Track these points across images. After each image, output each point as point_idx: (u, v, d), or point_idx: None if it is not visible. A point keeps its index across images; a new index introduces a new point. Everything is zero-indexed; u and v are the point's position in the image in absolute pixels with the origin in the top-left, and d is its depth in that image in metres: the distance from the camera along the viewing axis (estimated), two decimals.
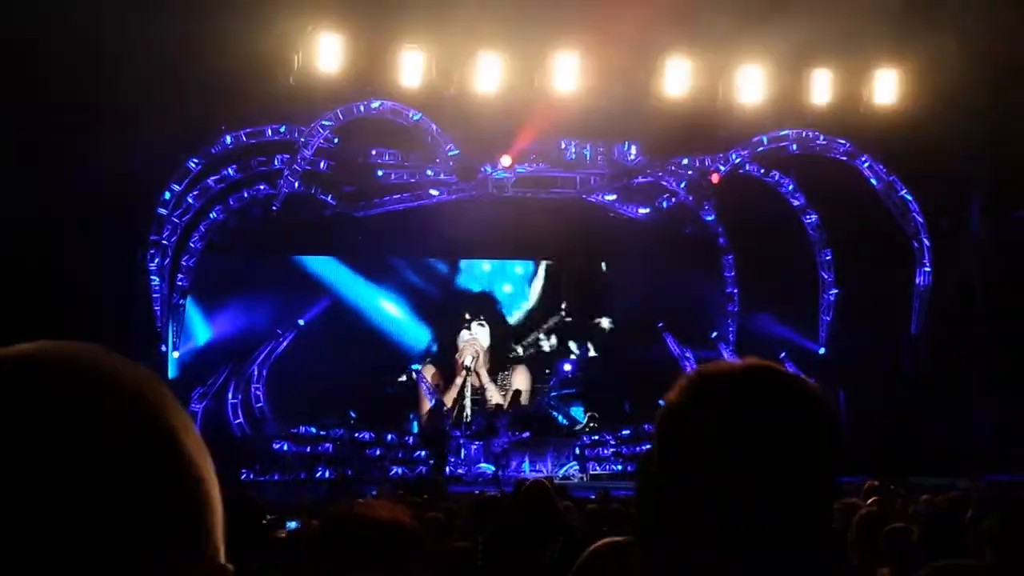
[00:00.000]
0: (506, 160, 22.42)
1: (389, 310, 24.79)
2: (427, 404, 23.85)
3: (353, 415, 22.88)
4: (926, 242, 22.74)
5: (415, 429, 23.61)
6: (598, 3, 20.02)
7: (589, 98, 22.03)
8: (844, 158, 23.24)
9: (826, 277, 23.93)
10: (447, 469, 21.03)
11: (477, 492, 14.08)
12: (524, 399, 23.98)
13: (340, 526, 2.30)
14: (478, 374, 24.52)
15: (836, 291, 23.92)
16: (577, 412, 25.27)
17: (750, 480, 1.38)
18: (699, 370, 1.53)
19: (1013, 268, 21.92)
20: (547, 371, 25.36)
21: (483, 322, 24.77)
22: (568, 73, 21.43)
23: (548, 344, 25.72)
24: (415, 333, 25.07)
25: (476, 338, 24.73)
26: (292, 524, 7.75)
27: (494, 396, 24.46)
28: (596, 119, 23.04)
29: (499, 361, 25.09)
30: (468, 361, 24.29)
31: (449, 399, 24.18)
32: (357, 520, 2.29)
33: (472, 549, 6.56)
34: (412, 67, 20.79)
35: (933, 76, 21.66)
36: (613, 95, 21.95)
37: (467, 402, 24.32)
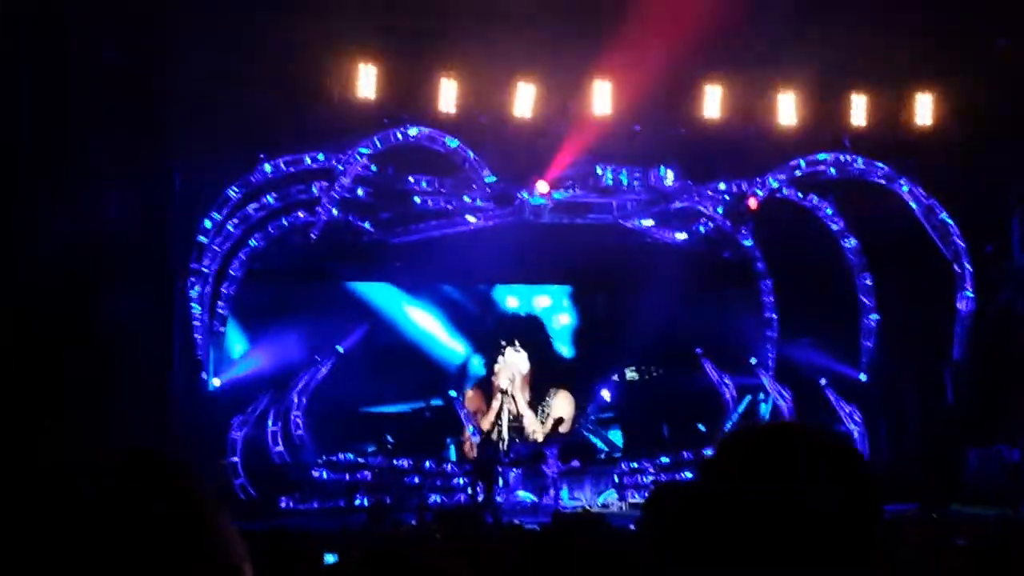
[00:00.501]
0: (543, 186, 22.44)
1: (428, 335, 24.92)
2: (467, 431, 23.86)
3: (391, 440, 23.08)
4: (968, 267, 22.50)
5: (452, 456, 23.65)
6: (634, 28, 20.02)
7: (625, 123, 22.06)
8: (883, 181, 23.08)
9: (866, 302, 23.73)
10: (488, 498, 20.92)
11: (515, 523, 14.04)
12: (565, 427, 23.84)
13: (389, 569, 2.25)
14: (515, 399, 24.44)
15: (876, 317, 23.70)
16: (615, 436, 25.23)
17: (783, 528, 1.42)
18: (734, 429, 1.63)
19: None
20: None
21: (519, 348, 24.73)
22: (604, 98, 21.45)
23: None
24: (454, 358, 25.15)
25: (512, 362, 24.71)
26: (330, 557, 7.62)
27: (532, 424, 24.34)
28: (632, 144, 23.09)
29: (539, 387, 24.99)
30: (504, 384, 24.25)
31: (486, 423, 24.19)
32: (407, 565, 2.24)
33: None
34: (448, 94, 20.90)
35: (973, 97, 21.54)
36: (649, 120, 21.95)
37: (504, 426, 24.27)
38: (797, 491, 1.40)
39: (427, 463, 22.51)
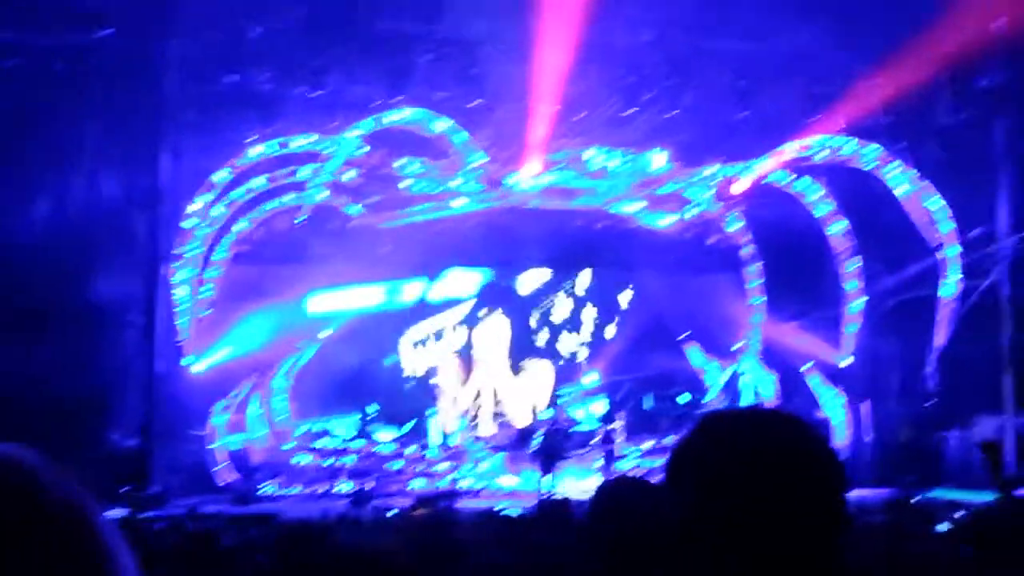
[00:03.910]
0: (532, 169, 22.39)
1: (410, 308, 24.96)
2: (450, 418, 24.08)
3: (370, 412, 23.42)
4: (954, 252, 22.47)
5: (430, 434, 24.02)
6: (622, 10, 19.97)
7: (615, 106, 22.01)
8: (873, 165, 23.03)
9: (853, 287, 23.73)
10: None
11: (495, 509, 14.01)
12: (542, 405, 24.17)
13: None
14: (493, 368, 24.81)
15: (863, 301, 23.70)
16: (598, 408, 25.39)
17: (750, 513, 1.42)
18: (707, 413, 1.66)
19: None
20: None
21: (500, 314, 25.06)
22: (595, 81, 21.34)
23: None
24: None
25: (493, 330, 25.04)
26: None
27: (511, 393, 24.64)
28: (621, 128, 23.04)
29: (518, 357, 25.28)
30: (484, 353, 24.66)
31: (467, 395, 24.48)
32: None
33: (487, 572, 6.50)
34: (439, 77, 20.76)
35: (965, 80, 21.52)
36: (639, 103, 21.86)
37: (484, 399, 24.60)
38: (758, 497, 1.40)
39: (410, 448, 22.53)
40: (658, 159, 22.88)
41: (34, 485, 0.97)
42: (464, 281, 25.52)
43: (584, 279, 26.10)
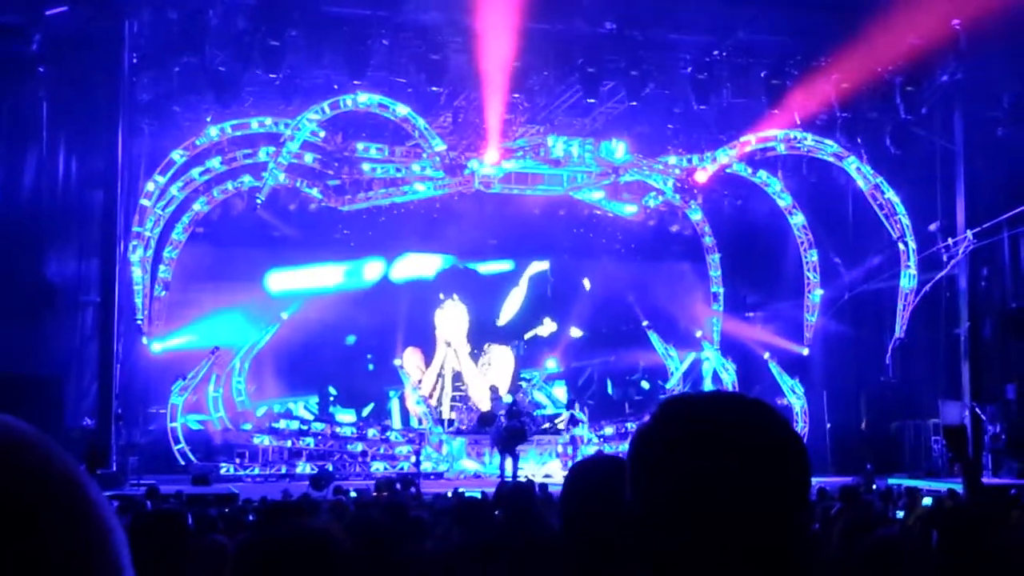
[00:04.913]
0: (493, 156, 22.34)
1: (371, 294, 24.81)
2: (412, 400, 24.02)
3: (333, 393, 23.32)
4: (912, 245, 22.71)
5: (392, 416, 24.05)
6: (582, 1, 20.00)
7: (575, 96, 22.02)
8: (832, 159, 23.21)
9: (811, 278, 23.91)
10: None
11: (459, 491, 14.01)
12: (503, 389, 24.18)
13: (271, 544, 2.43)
14: (457, 353, 24.80)
15: (821, 292, 23.91)
16: (560, 393, 25.39)
17: (713, 497, 1.39)
18: (670, 397, 1.59)
19: (996, 274, 22.00)
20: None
21: (456, 300, 25.09)
22: (557, 70, 21.35)
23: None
24: (395, 317, 24.99)
25: (453, 315, 25.04)
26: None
27: (472, 377, 24.64)
28: (582, 117, 23.09)
29: (477, 342, 25.30)
30: (447, 336, 24.65)
31: (428, 379, 24.46)
32: (288, 537, 2.43)
33: (447, 552, 6.48)
34: (399, 62, 20.68)
35: (923, 76, 21.71)
36: (600, 94, 21.85)
37: (446, 384, 24.59)
38: (720, 481, 1.38)
39: (370, 431, 22.48)
40: (618, 149, 22.89)
41: (41, 456, 0.93)
42: (423, 264, 25.52)
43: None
